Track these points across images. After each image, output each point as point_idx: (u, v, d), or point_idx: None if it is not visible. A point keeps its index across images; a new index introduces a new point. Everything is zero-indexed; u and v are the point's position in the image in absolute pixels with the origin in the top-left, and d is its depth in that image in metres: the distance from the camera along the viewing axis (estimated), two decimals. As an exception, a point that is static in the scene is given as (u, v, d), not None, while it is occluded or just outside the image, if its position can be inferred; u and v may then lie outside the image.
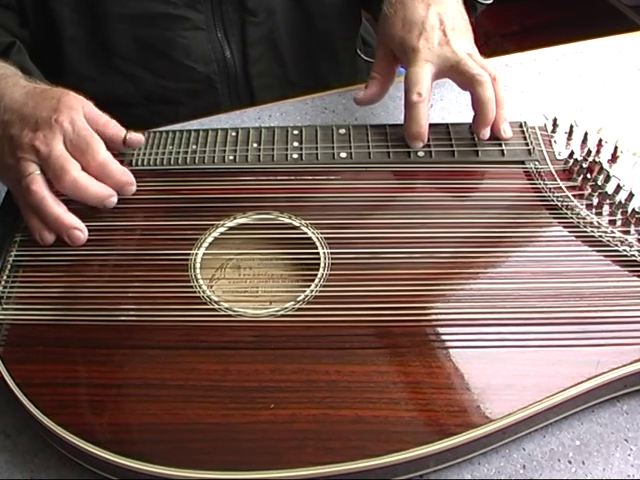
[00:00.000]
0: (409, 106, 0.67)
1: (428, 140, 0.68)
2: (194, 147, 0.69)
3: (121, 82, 0.85)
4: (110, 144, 0.65)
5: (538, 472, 0.52)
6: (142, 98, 0.86)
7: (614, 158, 0.66)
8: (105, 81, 0.84)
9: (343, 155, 0.68)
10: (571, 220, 0.62)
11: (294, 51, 0.89)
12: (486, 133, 0.68)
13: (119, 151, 0.67)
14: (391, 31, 0.70)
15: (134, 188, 0.65)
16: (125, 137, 0.66)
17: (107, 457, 0.50)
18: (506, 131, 0.68)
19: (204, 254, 0.62)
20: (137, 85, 0.85)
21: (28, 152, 0.61)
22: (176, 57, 0.84)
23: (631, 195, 0.62)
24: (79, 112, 0.63)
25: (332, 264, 0.60)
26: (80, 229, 0.62)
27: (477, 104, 0.67)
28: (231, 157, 0.68)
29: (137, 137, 0.67)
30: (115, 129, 0.65)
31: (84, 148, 0.62)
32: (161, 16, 0.81)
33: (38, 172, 0.61)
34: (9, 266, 0.61)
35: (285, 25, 0.87)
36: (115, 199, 0.64)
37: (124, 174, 0.64)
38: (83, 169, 0.62)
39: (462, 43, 0.68)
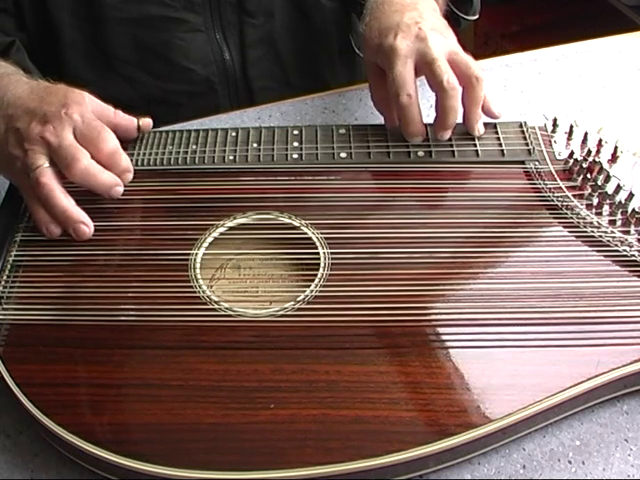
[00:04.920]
0: (402, 109, 0.66)
1: (428, 140, 0.68)
2: (194, 147, 0.69)
3: (121, 85, 0.85)
4: (124, 134, 0.67)
5: (538, 472, 0.52)
6: (142, 100, 0.86)
7: (614, 158, 0.66)
8: (105, 84, 0.84)
9: (343, 155, 0.68)
10: (571, 220, 0.62)
11: (293, 53, 0.89)
12: (445, 135, 0.67)
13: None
14: (370, 44, 0.70)
15: (131, 176, 0.65)
16: (138, 123, 0.68)
17: (107, 457, 0.50)
18: (479, 130, 0.68)
19: (204, 254, 0.62)
20: (137, 88, 0.85)
21: (37, 144, 0.61)
22: (175, 59, 0.84)
23: (631, 195, 0.62)
24: (87, 107, 0.64)
25: (332, 264, 0.60)
26: (86, 224, 0.62)
27: (439, 109, 0.66)
28: (231, 157, 0.68)
29: (148, 121, 0.69)
30: (127, 118, 0.68)
31: (95, 136, 0.62)
32: (159, 19, 0.81)
33: (47, 165, 0.61)
34: (9, 266, 0.61)
35: (284, 27, 0.87)
36: (121, 189, 0.64)
37: (127, 161, 0.65)
38: (92, 158, 0.62)
39: (441, 41, 0.67)
